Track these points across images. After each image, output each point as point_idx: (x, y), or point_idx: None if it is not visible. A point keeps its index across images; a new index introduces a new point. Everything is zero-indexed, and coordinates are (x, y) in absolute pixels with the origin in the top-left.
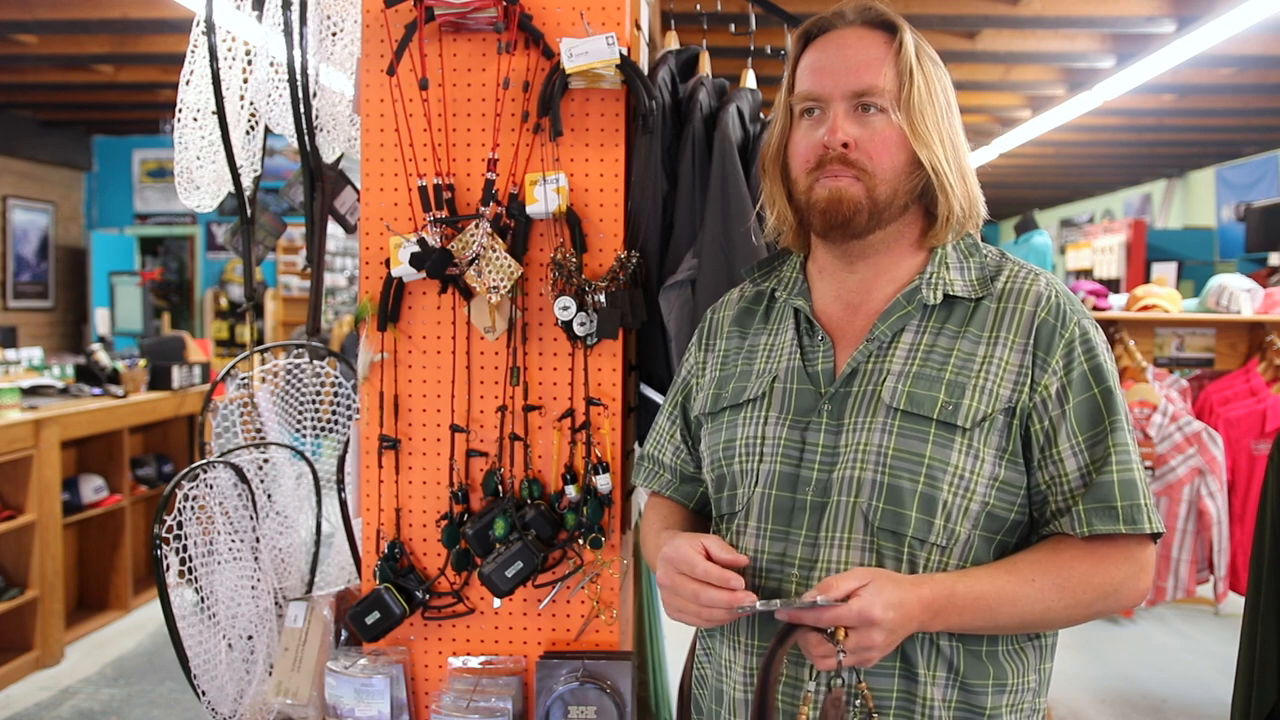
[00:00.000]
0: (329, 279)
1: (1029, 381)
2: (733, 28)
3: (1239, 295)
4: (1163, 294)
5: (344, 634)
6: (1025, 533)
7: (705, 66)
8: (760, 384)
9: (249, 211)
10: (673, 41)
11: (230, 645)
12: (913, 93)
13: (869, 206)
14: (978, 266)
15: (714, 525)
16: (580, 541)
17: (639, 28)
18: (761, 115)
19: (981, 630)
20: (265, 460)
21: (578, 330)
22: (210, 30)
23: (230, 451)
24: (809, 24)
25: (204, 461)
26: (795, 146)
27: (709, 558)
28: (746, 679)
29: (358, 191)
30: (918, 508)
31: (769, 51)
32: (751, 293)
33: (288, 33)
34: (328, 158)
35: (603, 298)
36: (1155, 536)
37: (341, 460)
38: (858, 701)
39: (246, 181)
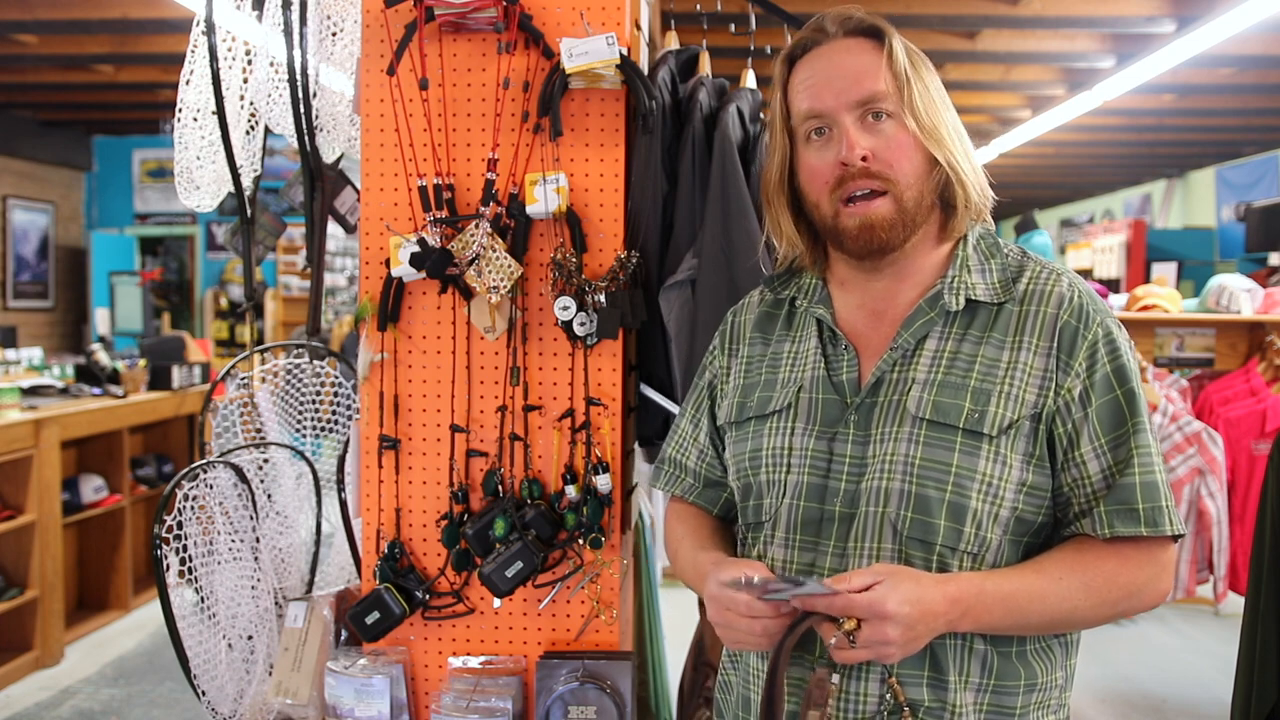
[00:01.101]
0: (329, 279)
1: (1053, 385)
2: (733, 28)
3: (1239, 295)
4: (1163, 294)
5: (344, 634)
6: (1050, 534)
7: (705, 66)
8: (786, 394)
9: (249, 211)
10: (673, 41)
11: (230, 645)
12: (914, 94)
13: (900, 220)
14: (999, 268)
15: (740, 533)
16: (580, 541)
17: (639, 28)
18: (761, 115)
19: (1010, 630)
20: (265, 460)
21: (578, 330)
22: (210, 30)
23: (230, 451)
24: (792, 45)
25: (204, 461)
26: (809, 170)
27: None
28: None
29: (358, 191)
30: (946, 516)
31: (769, 51)
32: (771, 299)
33: (288, 33)
34: (328, 158)
35: (603, 298)
36: (1176, 538)
37: (341, 460)
38: (889, 696)
39: (246, 181)
